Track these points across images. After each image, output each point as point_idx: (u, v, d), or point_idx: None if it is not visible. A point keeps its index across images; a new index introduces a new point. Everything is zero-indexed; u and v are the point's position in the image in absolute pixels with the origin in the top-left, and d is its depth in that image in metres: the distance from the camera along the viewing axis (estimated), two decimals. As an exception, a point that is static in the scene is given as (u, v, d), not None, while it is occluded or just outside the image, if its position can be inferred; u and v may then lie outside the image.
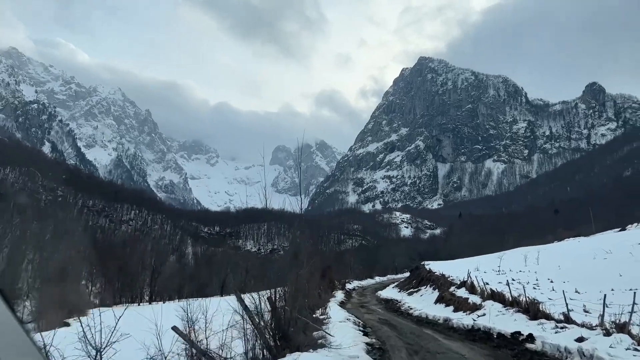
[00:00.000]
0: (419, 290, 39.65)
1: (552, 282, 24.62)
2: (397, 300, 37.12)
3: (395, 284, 58.17)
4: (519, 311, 17.64)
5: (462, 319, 20.19)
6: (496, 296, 21.50)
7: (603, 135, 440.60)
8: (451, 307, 25.08)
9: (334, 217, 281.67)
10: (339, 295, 41.23)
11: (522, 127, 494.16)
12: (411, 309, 29.47)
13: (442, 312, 24.53)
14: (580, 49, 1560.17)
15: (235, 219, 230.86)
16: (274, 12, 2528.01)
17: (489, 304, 20.72)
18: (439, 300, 28.96)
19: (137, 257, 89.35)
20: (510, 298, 20.18)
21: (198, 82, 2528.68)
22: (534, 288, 20.16)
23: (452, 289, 29.48)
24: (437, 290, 33.58)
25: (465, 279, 29.60)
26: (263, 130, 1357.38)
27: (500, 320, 17.30)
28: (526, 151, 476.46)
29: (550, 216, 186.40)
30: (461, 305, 23.66)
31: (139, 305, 58.86)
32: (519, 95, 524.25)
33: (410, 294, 40.70)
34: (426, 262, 50.62)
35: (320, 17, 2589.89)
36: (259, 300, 13.32)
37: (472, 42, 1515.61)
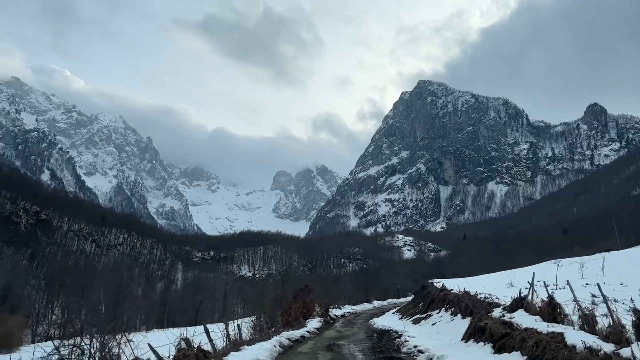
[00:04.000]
0: (430, 316, 29.01)
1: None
2: (395, 333, 26.10)
3: (396, 308, 50.11)
4: None
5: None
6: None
7: (606, 155, 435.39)
8: (517, 355, 12.83)
9: (333, 240, 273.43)
10: (312, 324, 31.17)
11: (524, 148, 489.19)
12: (420, 351, 18.01)
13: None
14: (579, 69, 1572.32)
15: (230, 243, 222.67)
16: (269, 35, 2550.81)
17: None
18: (473, 335, 16.94)
19: (113, 282, 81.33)
20: None
21: (193, 106, 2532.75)
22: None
23: (495, 312, 17.77)
24: (460, 315, 23.05)
25: (522, 295, 17.35)
26: (262, 156, 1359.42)
27: None
28: (529, 173, 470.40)
29: (558, 236, 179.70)
30: (548, 353, 11.49)
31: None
32: (520, 117, 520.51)
33: (416, 321, 30.37)
34: (436, 280, 41.76)
35: (316, 40, 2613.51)
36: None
37: (470, 62, 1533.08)
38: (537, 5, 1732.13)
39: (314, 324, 31.09)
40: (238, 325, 23.25)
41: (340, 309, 55.11)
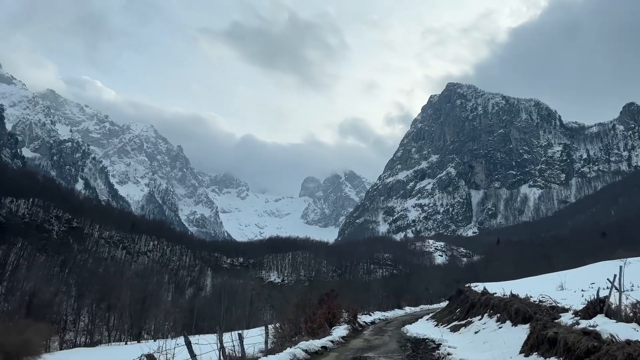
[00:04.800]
0: (470, 323, 25.74)
1: None
2: (433, 342, 22.92)
3: (430, 315, 47.54)
4: None
5: None
6: None
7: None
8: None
9: (362, 245, 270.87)
10: (337, 332, 28.48)
11: (558, 150, 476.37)
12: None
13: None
14: (613, 68, 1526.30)
15: (259, 249, 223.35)
16: (295, 41, 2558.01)
17: None
18: (536, 347, 13.20)
19: (141, 289, 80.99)
20: None
21: (221, 114, 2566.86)
22: None
23: (564, 318, 14.18)
24: (509, 321, 19.55)
25: (600, 297, 13.95)
26: (290, 162, 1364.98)
27: None
28: (563, 175, 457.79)
29: (597, 239, 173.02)
30: None
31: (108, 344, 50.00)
32: (553, 118, 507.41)
33: (454, 329, 26.92)
34: (474, 284, 38.90)
35: (342, 44, 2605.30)
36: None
37: (500, 63, 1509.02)
38: (568, 4, 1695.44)
39: (339, 331, 28.37)
40: (239, 334, 19.83)
41: (370, 315, 53.04)
